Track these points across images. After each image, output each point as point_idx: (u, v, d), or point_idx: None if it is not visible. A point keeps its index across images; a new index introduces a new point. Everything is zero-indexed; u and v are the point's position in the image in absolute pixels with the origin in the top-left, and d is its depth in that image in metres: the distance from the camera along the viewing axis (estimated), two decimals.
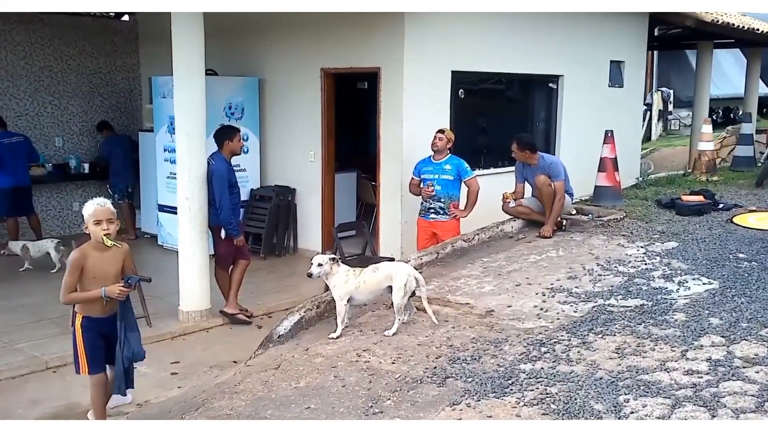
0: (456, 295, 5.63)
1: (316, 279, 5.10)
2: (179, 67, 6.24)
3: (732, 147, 14.79)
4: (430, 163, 7.48)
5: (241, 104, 9.24)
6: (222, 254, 6.75)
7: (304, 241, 9.45)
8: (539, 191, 7.17)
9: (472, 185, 7.39)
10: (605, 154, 8.11)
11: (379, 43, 8.21)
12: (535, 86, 10.12)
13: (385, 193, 8.49)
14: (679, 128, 26.46)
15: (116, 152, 9.97)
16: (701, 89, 14.28)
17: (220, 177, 6.45)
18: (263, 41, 9.45)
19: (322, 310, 5.48)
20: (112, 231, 4.25)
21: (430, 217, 7.45)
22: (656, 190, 9.02)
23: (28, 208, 9.29)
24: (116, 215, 4.34)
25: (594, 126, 10.70)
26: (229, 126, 6.95)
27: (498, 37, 9.08)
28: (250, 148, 9.42)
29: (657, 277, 5.65)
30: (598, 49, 10.73)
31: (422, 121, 8.25)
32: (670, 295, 5.25)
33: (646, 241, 6.67)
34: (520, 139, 7.22)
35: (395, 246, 8.40)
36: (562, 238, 6.99)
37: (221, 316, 6.79)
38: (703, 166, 9.67)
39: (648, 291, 5.35)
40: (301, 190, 9.37)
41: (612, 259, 6.16)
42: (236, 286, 6.86)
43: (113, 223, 4.28)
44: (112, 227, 4.26)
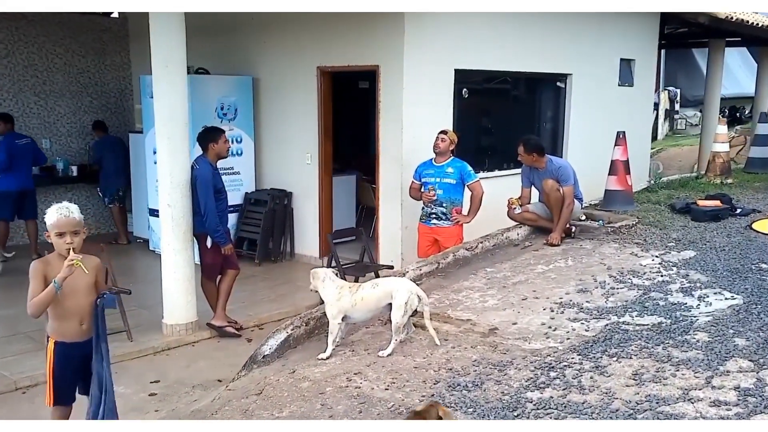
0: (457, 310, 5.21)
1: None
2: (158, 65, 5.84)
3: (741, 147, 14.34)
4: (431, 166, 7.07)
5: (234, 104, 8.84)
6: (209, 264, 6.35)
7: (300, 247, 9.05)
8: (547, 196, 6.75)
9: (475, 189, 6.98)
10: (617, 157, 7.67)
11: (377, 40, 7.81)
12: (542, 85, 9.71)
13: (384, 197, 8.08)
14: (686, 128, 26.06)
15: (108, 154, 9.59)
16: (712, 88, 13.83)
17: (204, 182, 6.05)
18: (257, 38, 9.05)
19: (312, 327, 5.08)
20: (76, 244, 3.78)
21: (432, 222, 7.04)
22: (669, 193, 8.58)
23: (32, 212, 8.91)
24: (83, 225, 3.86)
25: (603, 126, 10.32)
26: (213, 127, 6.54)
27: (503, 34, 8.68)
28: (244, 150, 9.03)
29: (675, 291, 5.22)
30: (607, 46, 10.32)
31: (423, 121, 7.85)
32: (690, 312, 4.82)
33: (661, 250, 6.24)
34: (527, 142, 6.80)
35: (395, 252, 8.00)
36: (571, 246, 6.56)
37: (208, 329, 6.38)
38: (717, 169, 9.22)
39: (666, 307, 4.92)
40: (298, 193, 8.98)
41: (625, 270, 5.73)
42: (224, 297, 6.46)
43: (78, 235, 3.80)
44: (77, 240, 3.78)
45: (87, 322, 3.78)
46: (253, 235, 8.86)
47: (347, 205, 9.46)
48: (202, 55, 9.37)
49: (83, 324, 3.77)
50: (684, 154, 19.34)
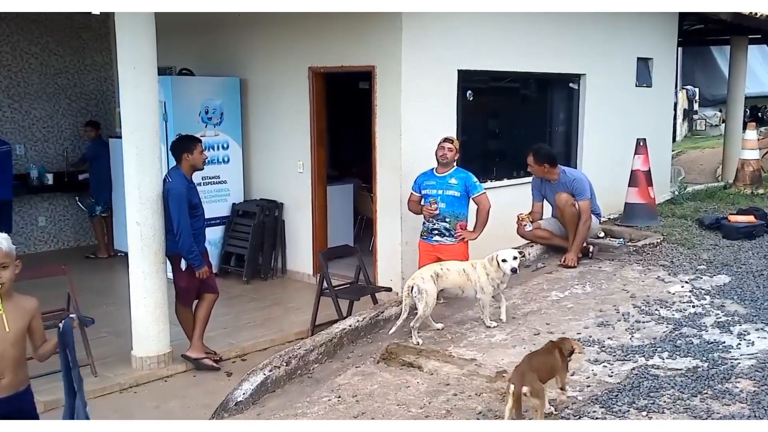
0: (460, 346, 4.63)
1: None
2: (125, 66, 5.28)
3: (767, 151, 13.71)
4: (432, 177, 6.50)
5: (219, 107, 8.28)
6: (183, 288, 5.78)
7: (292, 263, 8.47)
8: (561, 212, 6.17)
9: (481, 203, 6.40)
10: (637, 167, 7.07)
11: (373, 39, 7.24)
12: (553, 86, 9.13)
13: (382, 210, 7.51)
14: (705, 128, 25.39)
15: (103, 158, 9.02)
16: (736, 87, 13.19)
17: (177, 197, 5.48)
18: (245, 37, 8.48)
19: (294, 367, 4.51)
20: (5, 280, 3.20)
21: (434, 239, 6.46)
22: (695, 206, 7.97)
23: (6, 226, 8.30)
24: (13, 257, 3.27)
25: (620, 131, 9.76)
26: (188, 136, 5.97)
27: (511, 32, 8.10)
28: (230, 158, 8.47)
29: (710, 326, 4.62)
30: (623, 44, 9.74)
31: (424, 126, 7.28)
32: (729, 353, 4.23)
33: (690, 274, 5.64)
34: (538, 151, 6.22)
35: (395, 271, 7.43)
36: (588, 269, 5.97)
37: (184, 361, 5.82)
38: (747, 177, 8.60)
39: (701, 346, 4.33)
40: (290, 204, 8.41)
41: (651, 299, 5.14)
42: (201, 324, 5.89)
43: (8, 269, 3.21)
44: (6, 274, 3.20)
45: (10, 376, 3.21)
46: (240, 250, 8.30)
47: (344, 217, 8.89)
48: (186, 55, 8.86)
49: (3, 378, 3.20)
50: (705, 157, 18.70)
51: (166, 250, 5.66)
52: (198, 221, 5.73)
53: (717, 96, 25.72)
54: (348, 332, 4.93)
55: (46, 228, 9.66)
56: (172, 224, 5.56)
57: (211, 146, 8.22)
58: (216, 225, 8.35)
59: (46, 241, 9.68)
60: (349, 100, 9.80)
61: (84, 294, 7.24)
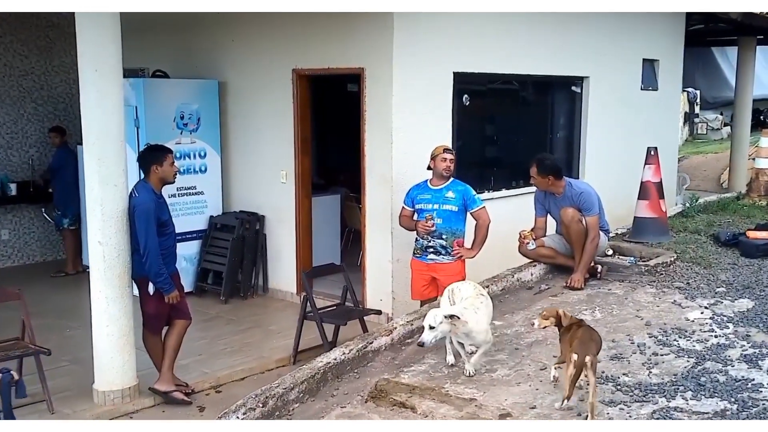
0: (457, 383, 4.26)
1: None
2: (86, 68, 4.89)
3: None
4: (427, 190, 6.13)
5: (196, 112, 7.88)
6: (151, 314, 5.38)
7: (275, 280, 8.08)
8: (566, 228, 5.81)
9: (481, 218, 6.04)
10: (648, 178, 6.72)
11: (361, 39, 6.89)
12: (554, 90, 8.81)
13: (371, 224, 7.14)
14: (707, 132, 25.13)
15: (69, 167, 8.60)
16: (743, 91, 12.88)
17: (144, 213, 5.08)
18: (224, 37, 8.10)
19: (271, 408, 4.11)
20: None
21: (429, 258, 6.11)
22: (708, 219, 7.63)
23: None
24: None
25: (624, 137, 9.47)
26: (158, 146, 5.58)
27: (510, 32, 7.79)
28: (208, 167, 8.08)
29: (736, 360, 4.26)
30: (628, 45, 9.46)
31: (418, 133, 6.94)
32: (760, 393, 3.87)
33: (709, 298, 5.28)
34: (542, 162, 5.86)
35: (385, 290, 7.07)
36: (597, 291, 5.61)
37: (152, 395, 5.41)
38: (762, 188, 8.27)
39: (728, 384, 3.96)
40: (271, 217, 8.02)
41: (669, 328, 4.77)
42: (171, 354, 5.49)
43: None
44: None
45: None
46: (218, 267, 7.89)
47: (330, 230, 8.51)
48: (161, 56, 8.48)
49: None
50: (709, 162, 18.39)
51: (132, 273, 5.25)
52: (168, 240, 5.34)
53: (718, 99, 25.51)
54: (333, 366, 4.53)
55: (9, 242, 9.24)
56: (138, 243, 5.16)
57: (186, 154, 7.84)
58: (192, 239, 7.96)
59: (9, 255, 9.25)
60: (337, 103, 9.45)
61: (46, 316, 6.88)
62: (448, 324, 4.09)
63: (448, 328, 4.12)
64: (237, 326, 7.10)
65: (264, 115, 7.87)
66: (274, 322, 7.19)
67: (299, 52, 7.42)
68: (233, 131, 8.19)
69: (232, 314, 7.46)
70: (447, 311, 4.17)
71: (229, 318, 7.34)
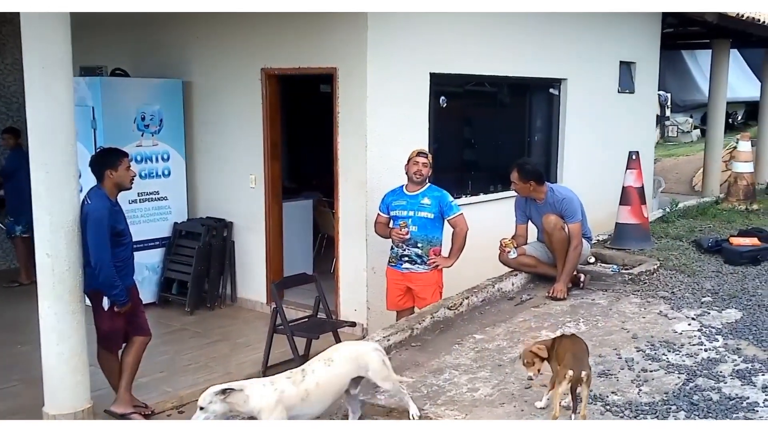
0: (437, 404, 4.05)
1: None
2: (31, 66, 4.55)
3: None
4: (402, 196, 5.94)
5: (158, 113, 7.58)
6: (107, 331, 5.07)
7: (244, 289, 7.81)
8: (548, 236, 5.64)
9: (458, 225, 5.86)
10: (630, 183, 6.59)
11: (334, 38, 6.66)
12: (533, 92, 8.67)
13: (345, 231, 6.91)
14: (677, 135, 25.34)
15: (23, 171, 8.15)
16: (717, 93, 12.89)
17: (96, 222, 4.77)
18: (189, 35, 7.81)
19: None
20: None
21: (404, 267, 5.91)
22: (688, 225, 7.53)
23: None
24: None
25: (602, 140, 9.38)
26: (112, 149, 5.25)
27: (488, 33, 7.63)
28: (172, 170, 7.78)
29: (728, 376, 4.12)
30: (605, 47, 9.38)
31: (393, 135, 6.75)
32: (756, 412, 3.72)
33: (696, 309, 5.15)
34: (523, 167, 5.69)
35: (359, 300, 6.84)
36: (581, 302, 5.45)
37: (108, 418, 5.11)
38: (741, 192, 8.20)
39: (721, 403, 3.81)
40: (240, 223, 7.75)
41: (656, 341, 4.62)
42: (129, 373, 5.18)
43: None
44: None
45: None
46: (183, 276, 7.60)
47: (302, 236, 8.26)
48: (122, 54, 8.17)
49: None
50: (680, 165, 18.48)
51: (85, 287, 4.92)
52: (124, 251, 5.02)
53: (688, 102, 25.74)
54: None
55: None
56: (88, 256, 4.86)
57: (148, 157, 7.55)
58: (155, 247, 7.66)
59: None
60: (311, 105, 9.20)
61: None
62: (222, 402, 3.34)
63: (222, 409, 3.35)
64: (202, 339, 6.81)
65: (232, 117, 7.60)
66: (243, 335, 6.93)
67: (268, 50, 7.17)
68: (199, 133, 7.90)
69: (197, 326, 7.17)
70: (219, 387, 3.39)
71: (194, 330, 7.05)
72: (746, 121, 25.30)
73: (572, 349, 3.59)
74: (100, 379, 5.23)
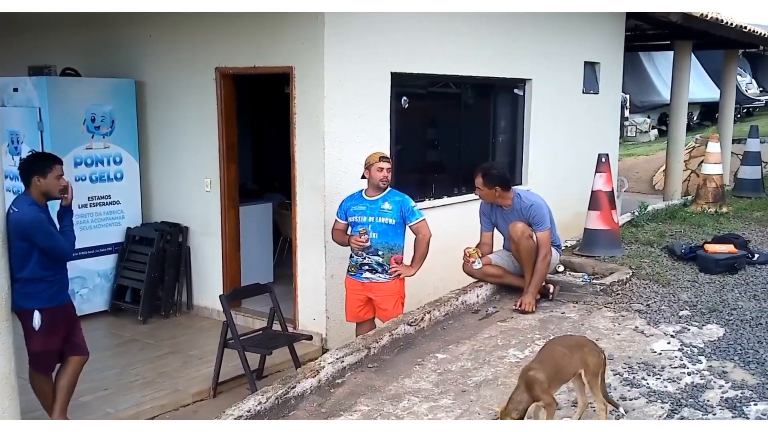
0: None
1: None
2: None
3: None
4: (361, 201, 5.27)
5: (110, 114, 6.82)
6: (38, 352, 4.36)
7: (200, 296, 7.09)
8: (515, 245, 4.98)
9: (420, 231, 5.20)
10: (599, 187, 5.95)
11: (291, 35, 5.97)
12: (497, 92, 8.02)
13: (303, 237, 6.22)
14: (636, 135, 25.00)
15: None
16: (679, 94, 12.33)
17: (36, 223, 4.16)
18: (141, 33, 7.05)
19: None
20: None
21: (364, 276, 5.25)
22: (658, 229, 6.91)
23: None
24: None
25: (567, 141, 8.80)
26: (43, 155, 4.60)
27: (451, 32, 6.98)
28: (125, 174, 7.02)
29: (717, 406, 3.48)
30: (570, 48, 8.76)
31: (352, 137, 6.09)
32: None
33: (674, 324, 4.52)
34: (488, 172, 5.03)
35: (318, 309, 6.16)
36: (550, 315, 4.80)
37: None
38: (710, 195, 7.62)
39: None
40: (195, 228, 7.03)
41: (635, 362, 3.98)
42: (64, 395, 4.49)
43: None
44: None
45: None
46: (136, 284, 6.85)
47: (262, 241, 7.53)
48: (73, 53, 7.40)
49: None
50: (640, 164, 18.02)
51: (12, 305, 4.19)
52: None
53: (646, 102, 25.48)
54: (248, 419, 3.61)
55: None
56: (17, 269, 4.14)
57: (99, 160, 6.80)
58: (107, 253, 6.91)
59: None
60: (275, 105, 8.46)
61: None
62: None
63: None
64: (153, 352, 6.08)
65: (186, 118, 6.86)
66: (197, 346, 6.20)
67: (223, 49, 6.45)
68: (153, 135, 7.14)
69: (149, 337, 6.43)
70: None
71: (145, 342, 6.31)
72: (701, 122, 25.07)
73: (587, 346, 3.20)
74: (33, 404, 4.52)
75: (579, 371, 3.16)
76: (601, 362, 3.17)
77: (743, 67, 24.01)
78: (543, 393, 3.00)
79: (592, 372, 3.13)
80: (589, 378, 3.13)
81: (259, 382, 5.32)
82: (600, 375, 3.16)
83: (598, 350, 3.22)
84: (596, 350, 3.21)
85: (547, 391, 3.01)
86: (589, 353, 3.16)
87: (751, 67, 25.79)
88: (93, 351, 5.80)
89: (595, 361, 3.14)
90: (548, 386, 3.02)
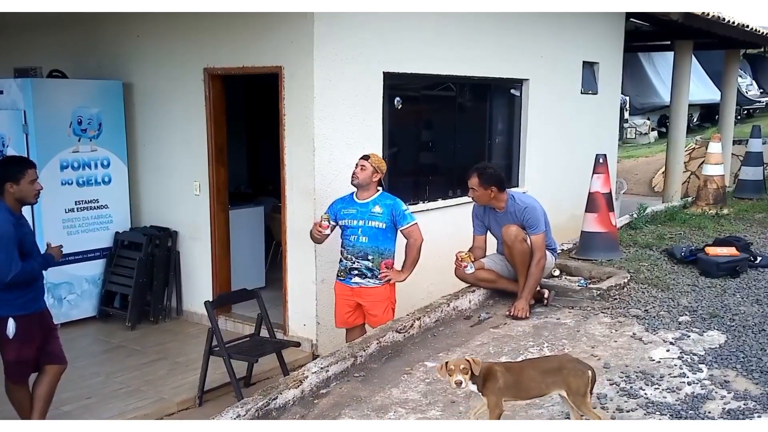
0: None
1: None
2: None
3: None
4: (352, 204, 5.08)
5: (97, 117, 6.64)
6: (12, 362, 4.18)
7: (190, 302, 6.90)
8: (509, 248, 4.79)
9: (412, 235, 5.01)
10: (596, 188, 5.75)
11: (280, 35, 5.80)
12: (493, 93, 7.83)
13: (293, 241, 6.04)
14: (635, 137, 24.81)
15: None
16: (679, 95, 12.12)
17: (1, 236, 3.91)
18: (129, 33, 6.88)
19: None
20: None
21: (353, 281, 5.07)
22: (658, 231, 6.71)
23: None
24: None
25: (565, 142, 8.60)
26: (16, 159, 4.38)
27: (446, 31, 6.78)
28: (113, 177, 6.84)
29: (717, 417, 3.28)
30: (568, 47, 8.55)
31: (343, 139, 5.90)
32: None
33: (674, 330, 4.32)
34: (484, 172, 4.84)
35: (308, 314, 5.98)
36: (545, 321, 4.61)
37: None
38: (711, 196, 7.41)
39: None
40: (185, 232, 6.85)
41: (632, 371, 3.78)
42: (42, 405, 4.31)
43: None
44: None
45: None
46: (125, 289, 6.67)
47: (253, 245, 7.35)
48: (59, 55, 7.26)
49: None
50: (640, 166, 17.81)
51: None
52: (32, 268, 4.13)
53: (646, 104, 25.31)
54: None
55: None
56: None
57: (86, 164, 6.62)
58: (95, 258, 6.74)
59: None
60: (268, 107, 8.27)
61: None
62: None
63: None
64: (140, 358, 5.89)
65: (175, 120, 6.69)
66: (184, 352, 6.01)
67: (211, 49, 6.27)
68: (141, 138, 6.97)
69: (137, 343, 6.25)
70: None
71: (133, 348, 6.13)
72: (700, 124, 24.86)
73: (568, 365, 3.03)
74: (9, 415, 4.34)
75: (553, 393, 3.00)
76: (586, 381, 2.94)
77: (744, 68, 23.80)
78: (491, 393, 2.98)
79: (575, 393, 2.92)
80: (573, 398, 2.93)
81: (247, 389, 5.15)
82: (587, 394, 2.95)
83: (582, 368, 2.99)
84: (579, 369, 2.99)
85: (496, 393, 2.97)
86: (570, 374, 2.95)
87: (751, 69, 25.57)
88: (79, 358, 5.70)
89: (577, 382, 2.93)
90: (501, 392, 2.98)
